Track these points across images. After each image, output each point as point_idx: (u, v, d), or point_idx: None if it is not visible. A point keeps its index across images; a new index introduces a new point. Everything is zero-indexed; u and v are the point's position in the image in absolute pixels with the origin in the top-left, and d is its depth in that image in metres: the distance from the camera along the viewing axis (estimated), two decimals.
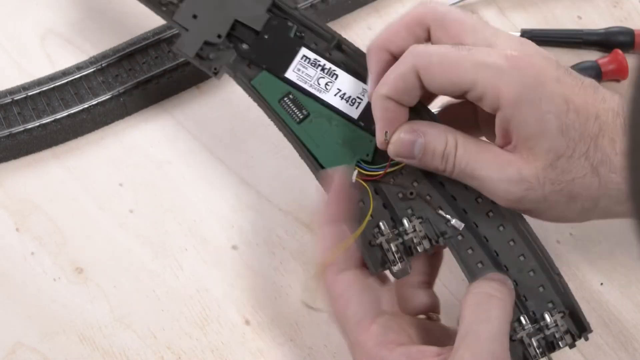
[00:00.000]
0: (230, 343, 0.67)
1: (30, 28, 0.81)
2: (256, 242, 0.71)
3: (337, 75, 0.63)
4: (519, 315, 0.58)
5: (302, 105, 0.62)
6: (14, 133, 0.73)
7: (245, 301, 0.69)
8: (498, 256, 0.59)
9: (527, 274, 0.58)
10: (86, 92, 0.75)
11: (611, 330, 0.68)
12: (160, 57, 0.77)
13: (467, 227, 0.59)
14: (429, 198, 0.60)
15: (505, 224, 0.59)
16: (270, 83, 0.63)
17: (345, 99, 0.62)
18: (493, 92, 0.55)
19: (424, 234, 0.59)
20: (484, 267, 0.58)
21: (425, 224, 0.59)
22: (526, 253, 0.59)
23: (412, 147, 0.57)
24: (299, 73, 0.63)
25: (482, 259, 0.59)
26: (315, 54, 0.64)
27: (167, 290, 0.69)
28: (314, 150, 0.62)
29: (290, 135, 0.62)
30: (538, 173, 0.56)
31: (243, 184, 0.74)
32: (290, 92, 0.63)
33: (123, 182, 0.74)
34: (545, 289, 0.58)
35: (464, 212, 0.59)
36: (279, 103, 0.63)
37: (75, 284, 0.69)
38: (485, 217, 0.59)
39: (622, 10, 0.84)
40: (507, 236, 0.59)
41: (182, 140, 0.76)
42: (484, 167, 0.56)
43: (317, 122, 0.62)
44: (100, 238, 0.71)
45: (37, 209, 0.72)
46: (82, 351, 0.66)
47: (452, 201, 0.60)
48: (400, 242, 0.59)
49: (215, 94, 0.78)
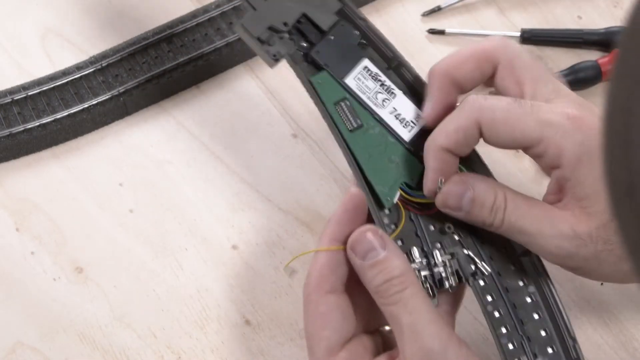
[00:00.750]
0: (230, 343, 0.67)
1: (30, 28, 0.81)
2: (256, 242, 0.71)
3: (395, 95, 0.63)
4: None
5: (357, 115, 0.62)
6: (14, 133, 0.73)
7: (245, 301, 0.69)
8: (516, 308, 0.59)
9: (540, 333, 0.59)
10: (86, 91, 0.75)
11: (611, 329, 0.68)
12: (160, 57, 0.77)
13: (492, 273, 0.60)
14: (460, 237, 0.60)
15: (527, 279, 0.60)
16: (329, 84, 0.62)
17: (400, 120, 0.62)
18: (555, 152, 0.57)
19: (453, 270, 0.59)
20: (502, 317, 0.59)
21: (454, 261, 0.60)
22: (542, 311, 0.59)
23: (461, 199, 0.58)
24: (358, 82, 0.62)
25: (500, 307, 0.59)
26: (377, 68, 0.63)
27: (167, 289, 0.69)
28: (361, 161, 0.61)
29: (341, 141, 0.61)
30: (591, 231, 0.57)
31: (243, 183, 0.74)
32: (346, 98, 0.62)
33: (123, 181, 0.74)
34: (555, 350, 0.59)
35: (490, 259, 0.60)
36: (334, 106, 0.62)
37: (75, 283, 0.69)
38: (509, 269, 0.60)
39: (623, 10, 0.84)
40: (527, 291, 0.60)
41: (182, 140, 0.76)
42: (535, 223, 0.57)
43: (369, 135, 0.61)
44: (100, 238, 0.71)
45: (37, 209, 0.72)
46: (82, 351, 0.66)
47: (480, 245, 0.60)
48: (430, 274, 0.59)
49: (215, 94, 0.78)
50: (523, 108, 0.57)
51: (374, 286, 0.57)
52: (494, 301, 0.59)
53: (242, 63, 0.79)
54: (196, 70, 0.77)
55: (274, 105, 0.77)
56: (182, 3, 0.81)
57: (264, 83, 0.78)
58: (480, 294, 0.59)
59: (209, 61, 0.77)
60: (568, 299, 0.69)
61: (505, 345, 0.58)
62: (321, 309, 0.58)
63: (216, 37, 0.78)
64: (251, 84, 0.78)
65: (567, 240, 0.57)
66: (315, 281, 0.58)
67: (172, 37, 0.78)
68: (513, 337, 0.58)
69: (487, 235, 0.60)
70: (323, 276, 0.58)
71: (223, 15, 0.79)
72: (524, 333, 0.59)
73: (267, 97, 0.78)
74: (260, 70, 0.79)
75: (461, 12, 0.83)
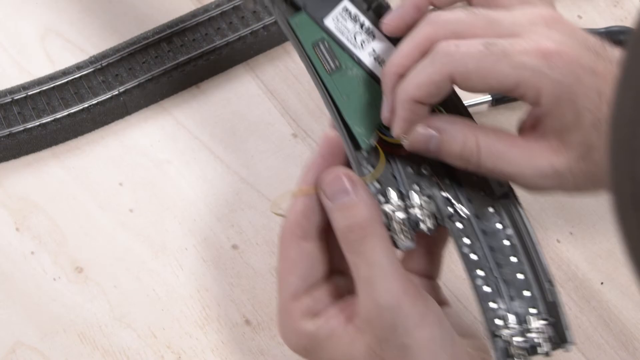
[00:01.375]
0: (230, 343, 0.67)
1: (30, 28, 0.81)
2: (256, 241, 0.71)
3: (375, 36, 0.62)
4: (505, 313, 0.58)
5: (336, 56, 0.61)
6: (14, 132, 0.73)
7: (245, 300, 0.69)
8: (493, 251, 0.59)
9: (517, 276, 0.58)
10: (86, 91, 0.75)
11: (611, 329, 0.68)
12: (160, 57, 0.77)
13: (470, 215, 0.59)
14: (438, 179, 0.60)
15: (505, 222, 0.59)
16: (307, 25, 0.61)
17: (379, 62, 0.61)
18: (534, 93, 0.56)
19: (430, 212, 0.59)
20: (479, 260, 0.58)
21: (431, 204, 0.59)
22: (520, 255, 0.59)
23: (428, 144, 0.57)
24: (337, 23, 0.61)
25: (477, 250, 0.59)
26: (357, 8, 0.62)
27: (167, 289, 0.69)
28: (339, 104, 0.60)
29: (318, 83, 0.60)
30: (571, 165, 0.56)
31: (243, 183, 0.74)
32: (325, 39, 0.61)
33: (123, 181, 0.74)
34: (532, 293, 0.58)
35: (469, 202, 0.59)
36: (312, 48, 0.61)
37: (75, 283, 0.69)
38: (487, 211, 0.59)
39: (623, 9, 0.84)
40: (505, 234, 0.59)
41: (182, 140, 0.76)
42: (513, 164, 0.56)
43: (348, 76, 0.61)
44: (101, 237, 0.71)
45: (37, 209, 0.72)
46: (82, 350, 0.66)
47: (459, 187, 0.59)
48: (406, 215, 0.59)
49: (215, 93, 0.78)
50: (495, 54, 0.55)
51: (338, 230, 0.57)
52: (471, 244, 0.58)
53: (242, 63, 0.79)
54: (196, 70, 0.77)
55: (274, 105, 0.77)
56: (182, 3, 0.82)
57: (264, 83, 0.78)
58: (457, 236, 0.58)
59: (209, 61, 0.77)
60: (568, 298, 0.69)
61: (480, 288, 0.57)
62: (291, 255, 0.59)
63: (216, 37, 0.78)
64: (251, 84, 0.78)
65: (548, 179, 0.56)
66: (289, 226, 0.59)
67: (172, 37, 0.78)
68: (489, 280, 0.58)
69: (467, 178, 0.59)
70: (297, 222, 0.59)
71: (223, 15, 0.79)
72: (501, 276, 0.58)
73: (267, 96, 0.78)
74: (261, 70, 0.79)
75: None
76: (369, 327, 0.57)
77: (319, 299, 0.59)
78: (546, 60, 0.55)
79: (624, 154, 0.33)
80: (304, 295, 0.59)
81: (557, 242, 0.72)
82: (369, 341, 0.57)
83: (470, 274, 0.58)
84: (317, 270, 0.59)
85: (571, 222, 0.72)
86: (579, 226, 0.72)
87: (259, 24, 0.78)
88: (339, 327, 0.58)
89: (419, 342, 0.56)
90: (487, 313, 0.57)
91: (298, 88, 0.78)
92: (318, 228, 0.59)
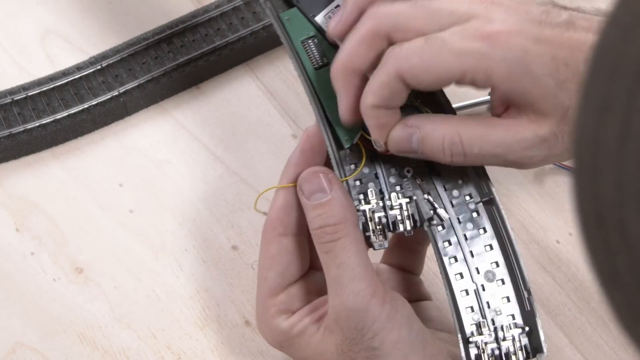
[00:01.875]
0: (230, 343, 0.67)
1: (30, 28, 0.81)
2: (256, 242, 0.71)
3: None
4: (480, 320, 0.58)
5: (324, 53, 0.61)
6: (14, 133, 0.73)
7: (245, 301, 0.69)
8: (473, 257, 0.59)
9: (496, 283, 0.58)
10: (86, 92, 0.75)
11: (611, 330, 0.68)
12: (160, 58, 0.77)
13: (451, 219, 0.59)
14: (421, 181, 0.60)
15: (487, 228, 0.59)
16: (298, 21, 0.62)
17: None
18: (483, 77, 0.56)
19: (409, 214, 0.59)
20: (457, 263, 0.58)
21: (412, 205, 0.59)
22: (500, 262, 0.59)
23: (410, 142, 0.57)
24: (328, 20, 0.61)
25: (457, 255, 0.59)
26: None
27: (167, 290, 0.69)
28: (323, 100, 0.60)
29: (304, 78, 0.60)
30: (553, 129, 0.56)
31: (243, 184, 0.74)
32: (315, 36, 0.61)
33: (123, 182, 0.74)
34: (510, 301, 0.58)
35: (452, 205, 0.59)
36: (301, 43, 0.61)
37: (75, 283, 0.69)
38: (470, 217, 0.59)
39: None
40: (486, 241, 0.59)
41: (182, 140, 0.76)
42: (499, 144, 0.56)
43: None
44: (101, 238, 0.71)
45: (37, 209, 0.72)
46: (82, 351, 0.66)
47: (443, 191, 0.59)
48: (384, 215, 0.59)
49: (215, 94, 0.78)
50: (434, 45, 0.55)
51: (312, 229, 0.58)
52: (450, 248, 0.58)
53: (242, 64, 0.79)
54: (196, 71, 0.77)
55: (273, 106, 0.77)
56: (182, 3, 0.82)
57: (263, 84, 0.78)
58: (436, 239, 0.58)
59: (209, 61, 0.77)
60: (567, 299, 0.69)
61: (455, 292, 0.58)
62: (271, 250, 0.60)
63: (216, 38, 0.78)
64: (251, 85, 0.78)
65: (536, 148, 0.56)
66: (271, 222, 0.60)
67: (172, 38, 0.78)
68: (466, 285, 0.58)
69: (451, 182, 0.59)
70: (278, 218, 0.60)
71: (223, 16, 0.79)
72: (479, 282, 0.58)
73: (267, 97, 0.78)
74: (260, 71, 0.79)
75: None
76: (337, 328, 0.57)
77: (295, 296, 0.60)
78: (487, 42, 0.55)
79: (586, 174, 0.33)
80: (281, 292, 0.60)
81: (557, 243, 0.72)
82: (339, 341, 0.58)
83: (446, 277, 0.58)
84: (295, 267, 0.60)
85: (570, 223, 0.73)
86: None
87: (259, 25, 0.78)
88: (311, 326, 0.59)
89: (388, 344, 0.57)
90: (461, 319, 0.57)
91: (298, 89, 0.78)
92: (298, 224, 0.60)
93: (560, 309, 0.69)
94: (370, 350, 0.57)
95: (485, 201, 0.59)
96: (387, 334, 0.56)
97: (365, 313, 0.56)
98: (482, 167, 0.60)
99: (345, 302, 0.56)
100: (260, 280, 0.61)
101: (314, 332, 0.59)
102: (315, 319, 0.59)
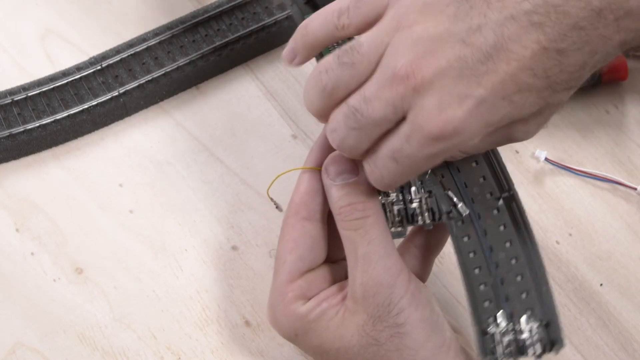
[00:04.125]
0: (230, 344, 0.67)
1: (30, 28, 0.81)
2: (256, 242, 0.71)
3: None
4: (497, 313, 0.58)
5: None
6: (14, 134, 0.73)
7: (245, 302, 0.69)
8: (492, 251, 0.59)
9: (514, 277, 0.58)
10: (86, 92, 0.75)
11: (611, 330, 0.68)
12: (160, 58, 0.77)
13: (470, 214, 0.59)
14: (442, 177, 0.60)
15: (508, 224, 0.59)
16: None
17: None
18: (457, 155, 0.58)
19: (429, 207, 0.59)
20: (475, 257, 0.59)
21: (432, 199, 0.60)
22: (520, 257, 0.59)
23: None
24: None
25: (476, 249, 0.59)
26: None
27: (167, 290, 0.69)
28: None
29: None
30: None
31: (243, 184, 0.74)
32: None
33: (123, 182, 0.74)
34: (528, 295, 0.58)
35: (472, 202, 0.60)
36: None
37: (75, 284, 0.69)
38: (490, 213, 0.59)
39: None
40: (506, 236, 0.59)
41: (182, 141, 0.76)
42: None
43: None
44: (101, 238, 0.71)
45: (37, 209, 0.72)
46: (82, 351, 0.66)
47: (463, 187, 0.60)
48: (403, 207, 0.59)
49: (215, 94, 0.78)
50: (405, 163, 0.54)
51: (338, 207, 0.58)
52: (468, 242, 0.59)
53: (242, 64, 0.79)
54: (196, 71, 0.77)
55: (273, 106, 0.77)
56: (182, 3, 0.82)
57: (263, 84, 0.79)
58: (455, 233, 0.59)
59: (208, 62, 0.77)
60: (567, 300, 0.69)
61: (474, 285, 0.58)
62: (293, 234, 0.60)
63: (216, 38, 0.78)
64: (251, 85, 0.78)
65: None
66: (295, 206, 0.60)
67: (172, 38, 0.78)
68: (485, 278, 0.58)
69: (472, 179, 0.60)
70: (303, 202, 0.60)
71: (223, 16, 0.79)
72: (498, 276, 0.58)
73: (266, 98, 0.78)
74: (260, 71, 0.79)
75: None
76: (362, 307, 0.58)
77: (313, 282, 0.60)
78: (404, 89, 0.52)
79: None
80: (299, 277, 0.60)
81: (557, 244, 0.72)
82: (361, 321, 0.58)
83: (464, 270, 0.58)
84: (315, 253, 0.60)
85: (570, 224, 0.73)
86: (578, 227, 0.72)
87: (259, 25, 0.79)
88: (330, 309, 0.59)
89: (412, 321, 0.57)
90: (479, 310, 0.58)
91: (298, 89, 0.78)
92: (321, 210, 0.60)
93: (560, 309, 0.69)
94: (395, 327, 0.57)
95: (505, 197, 0.60)
96: (412, 311, 0.57)
97: (393, 289, 0.57)
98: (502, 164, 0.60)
99: (375, 277, 0.57)
100: (279, 265, 0.61)
101: (332, 315, 0.59)
102: (334, 303, 0.60)
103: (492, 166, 0.60)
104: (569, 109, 0.79)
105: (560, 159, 0.75)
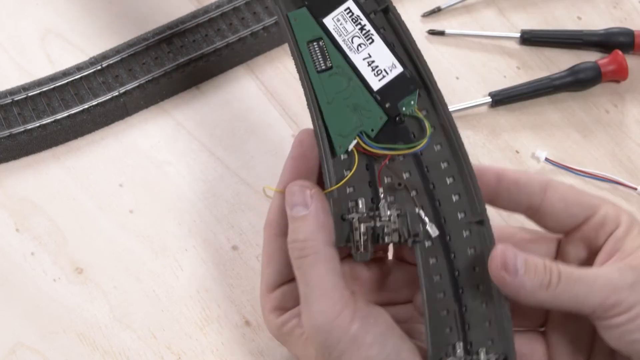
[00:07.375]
0: (230, 343, 0.67)
1: (30, 28, 0.81)
2: (256, 242, 0.71)
3: (373, 41, 0.60)
4: (456, 342, 0.57)
5: (328, 57, 0.60)
6: (14, 133, 0.73)
7: (245, 301, 0.69)
8: (459, 275, 0.58)
9: (480, 305, 0.57)
10: (86, 92, 0.75)
11: None
12: (160, 58, 0.77)
13: (440, 236, 0.58)
14: (414, 194, 0.59)
15: (477, 247, 0.58)
16: (306, 22, 0.60)
17: (372, 67, 0.60)
18: None
19: (397, 227, 0.58)
20: (441, 280, 0.57)
21: (402, 218, 0.58)
22: (486, 283, 0.57)
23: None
24: (337, 23, 0.60)
25: (442, 271, 0.58)
26: (361, 11, 0.60)
27: (167, 290, 0.69)
28: (322, 105, 0.59)
29: (306, 81, 0.60)
30: None
31: (243, 184, 0.74)
32: (321, 38, 0.60)
33: (123, 182, 0.74)
34: (490, 326, 0.57)
35: (444, 221, 0.58)
36: (306, 44, 0.60)
37: (75, 284, 0.69)
38: (461, 234, 0.58)
39: (622, 10, 0.84)
40: (475, 261, 0.58)
41: (182, 141, 0.76)
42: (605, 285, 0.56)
43: (336, 78, 0.60)
44: (101, 238, 0.71)
45: (37, 209, 0.72)
46: (82, 351, 0.66)
47: (436, 206, 0.59)
48: (371, 226, 0.58)
49: (215, 94, 0.78)
50: None
51: (288, 241, 0.59)
52: (436, 264, 0.58)
53: (242, 64, 0.79)
54: (196, 71, 0.77)
55: (273, 106, 0.77)
56: (182, 4, 0.82)
57: (263, 84, 0.79)
58: (420, 255, 0.57)
59: (209, 62, 0.78)
60: None
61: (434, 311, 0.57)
62: (268, 249, 0.61)
63: (216, 38, 0.78)
64: (251, 85, 0.78)
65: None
66: (268, 222, 0.61)
67: (172, 38, 0.78)
68: (447, 304, 0.57)
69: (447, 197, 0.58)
70: (275, 220, 0.61)
71: (223, 16, 0.79)
72: (462, 302, 0.57)
73: (266, 98, 0.78)
74: (260, 71, 0.79)
75: (461, 13, 0.83)
76: (310, 343, 0.58)
77: (288, 294, 0.61)
78: None
79: None
80: (276, 289, 0.61)
81: None
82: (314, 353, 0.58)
83: (426, 294, 0.57)
84: (290, 267, 0.60)
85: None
86: None
87: (259, 25, 0.79)
88: (298, 328, 0.60)
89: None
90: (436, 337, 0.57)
91: (298, 89, 0.77)
92: None
93: None
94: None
95: (477, 221, 0.58)
96: (353, 354, 0.56)
97: (330, 333, 0.56)
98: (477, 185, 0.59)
99: (312, 319, 0.56)
100: (261, 275, 0.62)
101: (299, 334, 0.60)
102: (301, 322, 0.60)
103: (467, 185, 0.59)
104: (569, 109, 0.79)
105: (561, 159, 0.75)
